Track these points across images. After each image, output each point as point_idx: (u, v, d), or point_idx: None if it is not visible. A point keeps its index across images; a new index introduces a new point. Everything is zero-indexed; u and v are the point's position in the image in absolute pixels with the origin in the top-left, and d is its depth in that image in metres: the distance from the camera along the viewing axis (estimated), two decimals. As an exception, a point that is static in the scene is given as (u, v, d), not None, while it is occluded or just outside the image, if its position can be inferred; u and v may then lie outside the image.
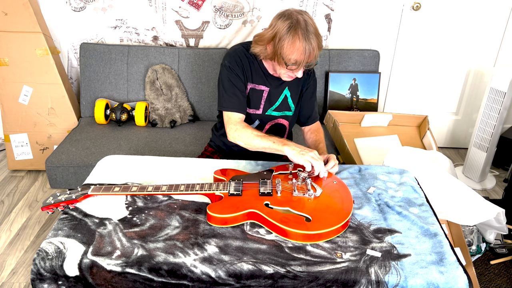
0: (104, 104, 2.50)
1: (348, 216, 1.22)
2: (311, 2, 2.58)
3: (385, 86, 2.92)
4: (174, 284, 1.09)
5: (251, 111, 1.63)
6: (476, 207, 1.65)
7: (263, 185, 1.34)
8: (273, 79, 1.59)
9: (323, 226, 1.17)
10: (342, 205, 1.26)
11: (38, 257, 1.11)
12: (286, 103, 1.65)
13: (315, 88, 1.72)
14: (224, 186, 1.34)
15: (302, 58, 1.40)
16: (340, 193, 1.32)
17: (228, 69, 1.56)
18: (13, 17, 2.38)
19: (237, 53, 1.58)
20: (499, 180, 2.75)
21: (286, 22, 1.39)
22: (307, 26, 1.38)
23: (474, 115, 2.99)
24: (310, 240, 1.17)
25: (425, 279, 1.07)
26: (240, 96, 1.56)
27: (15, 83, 2.49)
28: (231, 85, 1.56)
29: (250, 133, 1.50)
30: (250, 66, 1.58)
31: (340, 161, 2.31)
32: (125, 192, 1.32)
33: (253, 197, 1.29)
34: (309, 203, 1.26)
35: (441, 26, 2.71)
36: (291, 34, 1.38)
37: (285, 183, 1.36)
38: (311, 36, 1.38)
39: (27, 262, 1.97)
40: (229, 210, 1.23)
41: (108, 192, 1.32)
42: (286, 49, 1.39)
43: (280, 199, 1.27)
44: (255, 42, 1.50)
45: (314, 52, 1.40)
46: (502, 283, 1.88)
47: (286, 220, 1.19)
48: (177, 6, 2.57)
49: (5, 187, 2.54)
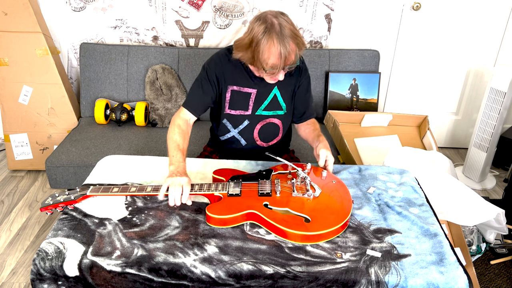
0: (104, 104, 2.50)
1: (348, 216, 1.22)
2: (311, 2, 2.58)
3: (385, 86, 2.92)
4: (174, 284, 1.09)
5: (237, 112, 1.63)
6: (476, 208, 1.65)
7: (262, 185, 1.34)
8: (260, 81, 1.58)
9: (322, 227, 1.17)
10: (341, 204, 1.26)
11: (38, 257, 1.11)
12: (276, 102, 1.64)
13: (309, 85, 1.70)
14: (223, 186, 1.34)
15: (278, 63, 1.39)
16: (340, 192, 1.32)
17: (203, 70, 1.61)
18: (13, 17, 2.38)
19: (219, 57, 1.60)
20: (499, 180, 2.75)
21: (262, 27, 1.38)
22: (281, 30, 1.37)
23: (474, 115, 2.99)
24: (309, 241, 1.17)
25: (425, 279, 1.07)
26: (201, 99, 1.60)
27: (15, 83, 2.49)
28: (198, 86, 1.61)
29: (172, 135, 1.49)
30: (233, 70, 1.58)
31: (340, 161, 2.31)
32: (124, 193, 1.32)
33: (252, 198, 1.29)
34: (308, 203, 1.26)
35: (441, 26, 2.71)
36: (265, 39, 1.37)
37: (284, 183, 1.36)
38: (286, 40, 1.36)
39: (27, 262, 1.97)
40: (228, 211, 1.23)
41: (107, 192, 1.32)
42: (262, 54, 1.38)
43: (279, 200, 1.27)
44: (236, 48, 1.49)
45: (292, 55, 1.39)
46: (502, 283, 1.88)
47: (285, 221, 1.19)
48: (177, 6, 2.57)
49: (5, 187, 2.54)
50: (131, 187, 1.35)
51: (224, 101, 1.62)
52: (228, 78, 1.59)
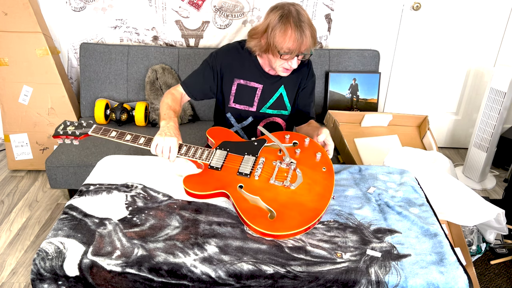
0: (104, 104, 2.50)
1: (315, 219, 1.19)
2: (311, 2, 2.58)
3: (385, 86, 2.92)
4: (174, 284, 1.09)
5: (242, 107, 1.63)
6: (476, 208, 1.65)
7: (244, 162, 1.33)
8: (267, 77, 1.58)
9: (283, 228, 1.15)
10: (315, 204, 1.22)
11: (38, 257, 1.11)
12: (282, 101, 1.64)
13: (313, 88, 1.71)
14: (208, 154, 1.34)
15: (295, 46, 1.40)
16: (321, 186, 1.28)
17: (209, 57, 1.63)
18: (13, 17, 2.38)
19: (228, 48, 1.61)
20: (499, 180, 2.75)
21: (278, 12, 1.40)
22: (299, 16, 1.39)
23: (474, 115, 2.99)
24: (267, 237, 1.17)
25: (425, 279, 1.07)
26: (199, 83, 1.62)
27: (15, 83, 2.49)
28: (200, 70, 1.63)
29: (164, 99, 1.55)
30: (242, 62, 1.58)
31: (340, 161, 2.31)
32: (119, 140, 1.39)
33: (230, 176, 1.28)
34: (281, 195, 1.23)
35: (441, 26, 2.71)
36: (282, 23, 1.38)
37: (269, 163, 1.33)
38: (303, 24, 1.38)
39: (27, 262, 1.97)
40: (202, 187, 1.24)
41: (105, 135, 1.40)
42: (278, 38, 1.39)
43: (254, 185, 1.26)
44: (250, 36, 1.50)
45: (307, 40, 1.40)
46: (502, 283, 1.88)
47: (250, 211, 1.18)
48: (177, 6, 2.57)
49: (5, 187, 2.54)
50: (127, 134, 1.39)
51: (229, 94, 1.62)
52: (235, 71, 1.59)
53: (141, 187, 1.39)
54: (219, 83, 1.62)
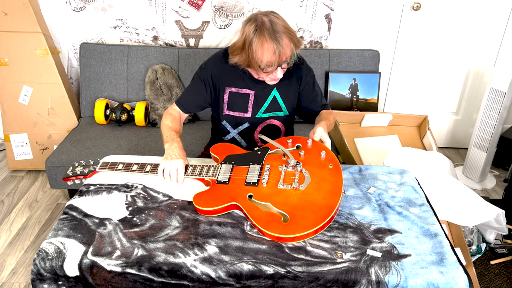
0: (104, 104, 2.50)
1: (331, 214, 1.19)
2: (311, 2, 2.58)
3: (385, 86, 2.92)
4: (174, 284, 1.09)
5: (237, 114, 1.63)
6: (476, 208, 1.65)
7: (251, 172, 1.34)
8: (258, 83, 1.58)
9: (299, 229, 1.15)
10: (327, 201, 1.22)
11: (38, 257, 1.11)
12: (276, 103, 1.63)
13: (315, 80, 1.68)
14: (214, 170, 1.36)
15: (274, 59, 1.38)
16: (330, 183, 1.28)
17: (199, 70, 1.63)
18: (13, 17, 2.38)
19: (216, 58, 1.61)
20: (499, 180, 2.75)
21: (252, 26, 1.38)
22: (272, 26, 1.36)
23: (474, 115, 2.99)
24: (284, 242, 1.16)
25: (426, 279, 1.07)
26: (192, 98, 1.63)
27: (15, 83, 2.49)
28: (192, 85, 1.64)
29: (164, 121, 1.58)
30: (231, 71, 1.57)
31: (340, 161, 2.31)
32: (126, 171, 1.44)
33: (239, 187, 1.29)
34: (292, 198, 1.24)
35: (441, 26, 2.71)
36: (257, 36, 1.37)
37: (275, 169, 1.34)
38: (278, 35, 1.36)
39: (27, 262, 1.97)
40: (213, 203, 1.25)
41: (112, 169, 1.45)
42: (256, 53, 1.38)
43: (264, 191, 1.26)
44: (231, 53, 1.49)
45: (285, 49, 1.38)
46: (502, 283, 1.89)
47: (263, 219, 1.18)
48: (177, 6, 2.57)
49: (5, 187, 2.54)
50: (133, 165, 1.44)
51: (222, 103, 1.62)
52: (225, 80, 1.59)
53: (141, 187, 1.40)
54: (213, 94, 1.62)
